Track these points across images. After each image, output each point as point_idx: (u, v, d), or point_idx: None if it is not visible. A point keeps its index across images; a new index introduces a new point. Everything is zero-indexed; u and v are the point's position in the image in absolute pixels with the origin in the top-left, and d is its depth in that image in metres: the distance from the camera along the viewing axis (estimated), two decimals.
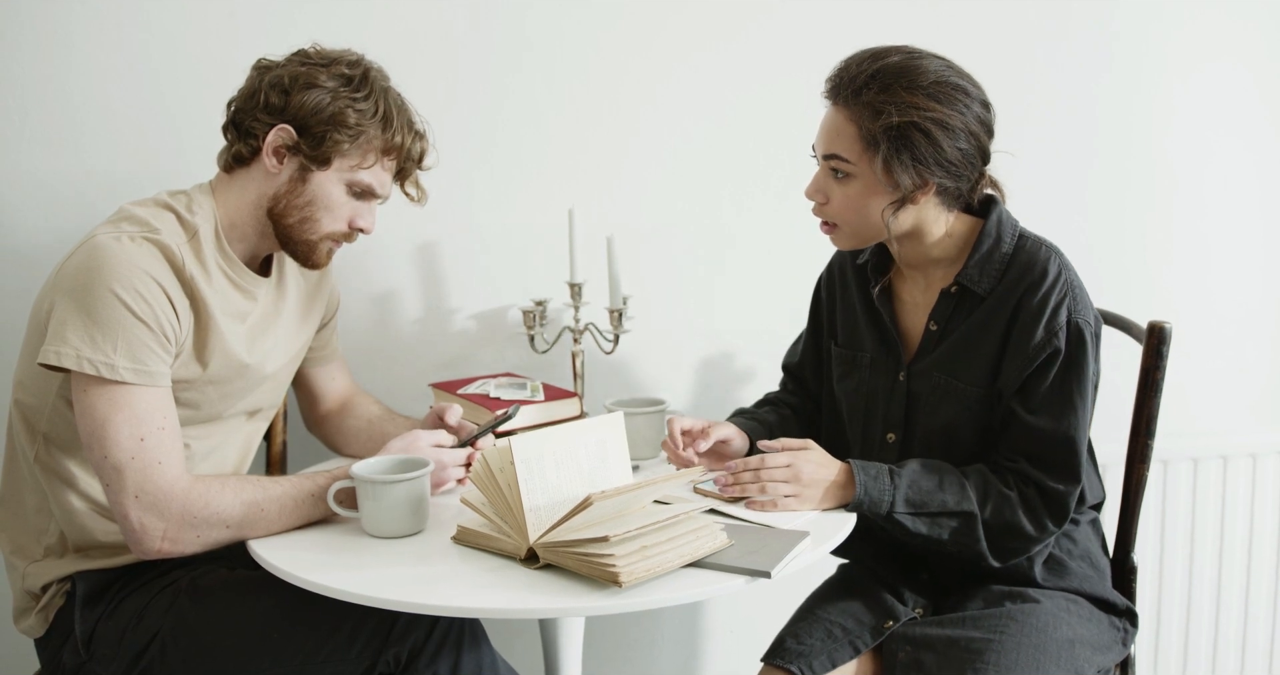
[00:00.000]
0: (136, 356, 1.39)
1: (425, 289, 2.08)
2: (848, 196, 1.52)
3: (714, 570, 1.31)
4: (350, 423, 1.82)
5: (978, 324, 1.56)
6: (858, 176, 1.50)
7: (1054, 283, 1.51)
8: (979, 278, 1.55)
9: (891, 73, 1.47)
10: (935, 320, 1.60)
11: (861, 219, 1.54)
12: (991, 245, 1.56)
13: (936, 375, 1.58)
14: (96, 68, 1.85)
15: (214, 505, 1.41)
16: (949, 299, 1.59)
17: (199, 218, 1.52)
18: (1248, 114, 2.33)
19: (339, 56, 1.55)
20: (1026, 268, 1.53)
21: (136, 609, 1.49)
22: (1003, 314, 1.53)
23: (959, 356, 1.57)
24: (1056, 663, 1.44)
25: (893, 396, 1.64)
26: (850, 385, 1.70)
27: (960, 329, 1.57)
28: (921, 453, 1.59)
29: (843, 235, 1.58)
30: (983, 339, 1.55)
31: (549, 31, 2.05)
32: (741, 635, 2.35)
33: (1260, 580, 2.37)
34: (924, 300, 1.63)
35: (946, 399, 1.58)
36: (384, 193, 1.60)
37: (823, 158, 1.53)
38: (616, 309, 2.00)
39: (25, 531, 1.55)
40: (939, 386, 1.58)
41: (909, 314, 1.65)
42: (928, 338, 1.61)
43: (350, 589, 1.28)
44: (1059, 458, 1.50)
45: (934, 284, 1.62)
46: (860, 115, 1.47)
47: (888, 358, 1.65)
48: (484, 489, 1.38)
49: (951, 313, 1.59)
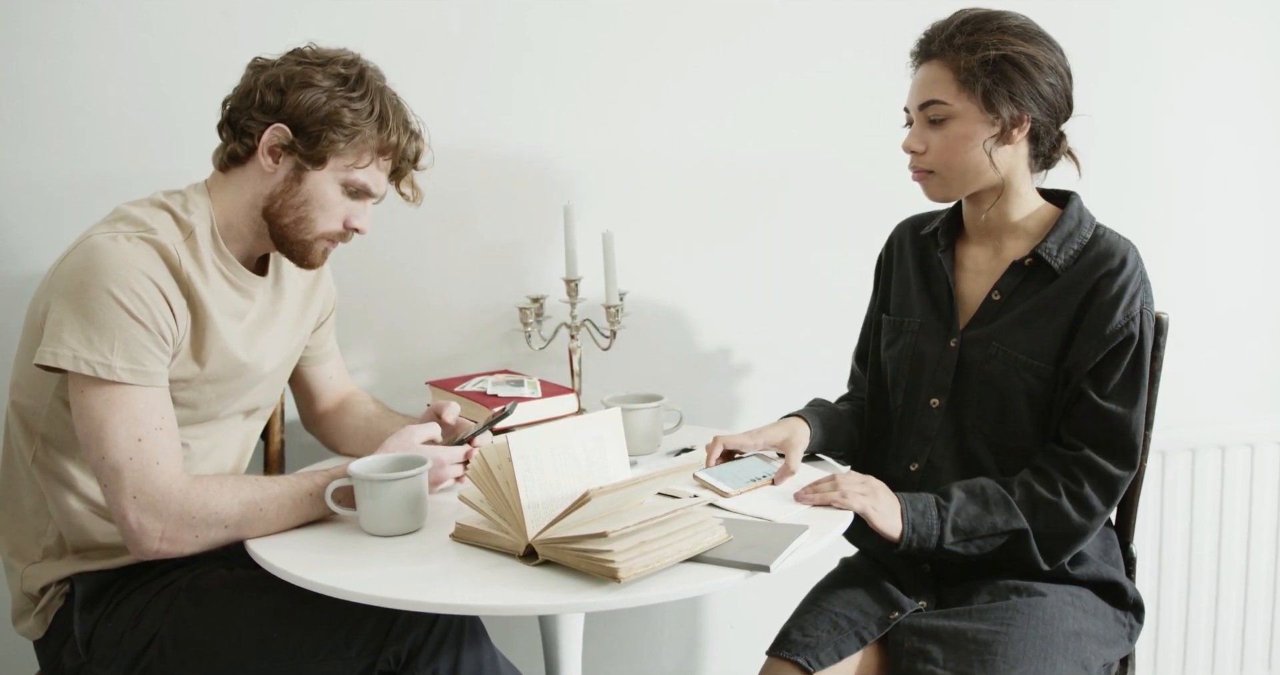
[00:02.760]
0: (133, 357, 1.39)
1: (422, 287, 2.08)
2: (948, 139, 1.57)
3: (713, 565, 1.31)
4: (347, 421, 1.82)
5: (1049, 300, 1.58)
6: (957, 116, 1.56)
7: (1133, 271, 1.55)
8: (1057, 253, 1.59)
9: (980, 17, 1.56)
10: (1000, 290, 1.63)
11: (962, 160, 1.58)
12: (1074, 227, 1.60)
13: (995, 345, 1.60)
14: (93, 67, 1.85)
15: (212, 505, 1.41)
16: (1020, 270, 1.62)
17: (195, 217, 1.51)
18: (1245, 107, 2.33)
19: (335, 56, 1.55)
20: (1106, 253, 1.57)
21: (135, 610, 1.49)
22: (1077, 294, 1.56)
23: (1022, 329, 1.59)
24: (1063, 655, 1.45)
25: (941, 362, 1.66)
26: (896, 351, 1.73)
27: (1027, 302, 1.60)
28: (968, 419, 1.63)
29: (936, 182, 1.62)
30: (1052, 315, 1.57)
31: (547, 28, 2.05)
32: (742, 630, 2.36)
33: (1259, 570, 2.37)
34: (989, 269, 1.67)
35: (1003, 369, 1.59)
36: (379, 192, 1.59)
37: (918, 108, 1.59)
38: (613, 305, 2.00)
39: (23, 533, 1.55)
40: (996, 356, 1.60)
41: (970, 280, 1.69)
42: (987, 306, 1.64)
43: (349, 588, 1.28)
44: (1123, 443, 1.54)
45: (1005, 254, 1.65)
46: (955, 58, 1.54)
47: (939, 322, 1.68)
48: (482, 486, 1.38)
49: (1020, 285, 1.61)
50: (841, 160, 2.18)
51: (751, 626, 2.31)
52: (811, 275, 2.20)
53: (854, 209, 2.18)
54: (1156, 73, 2.28)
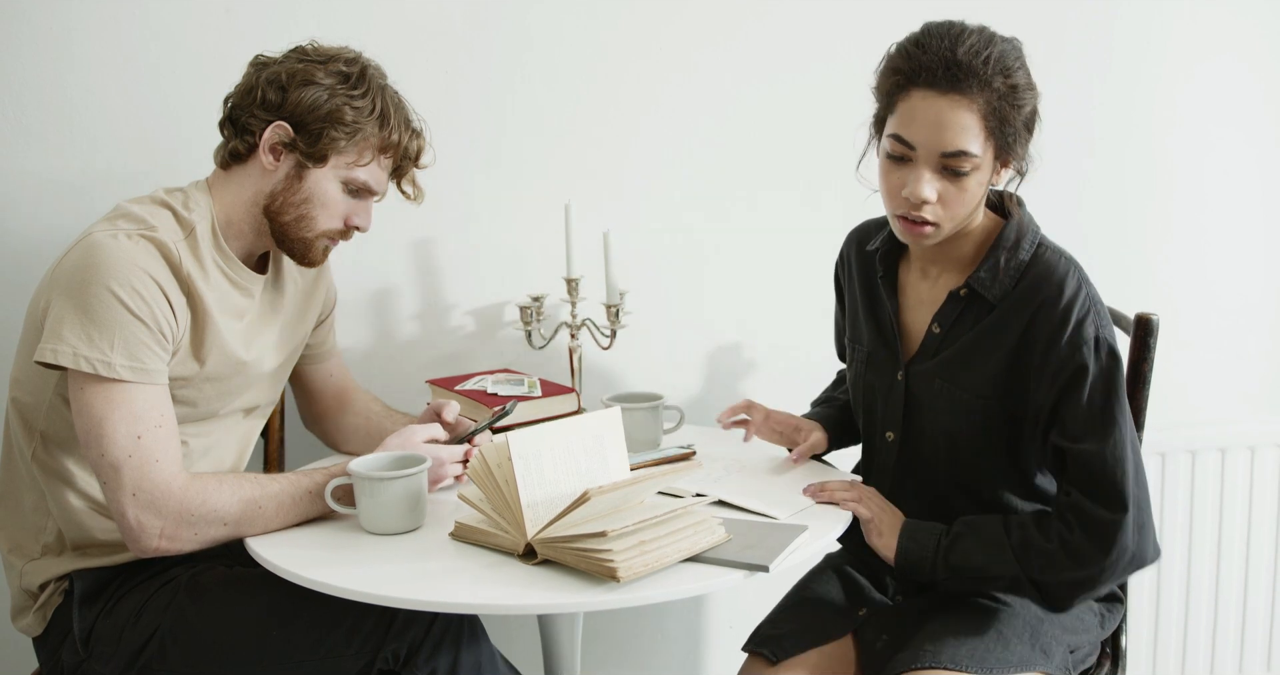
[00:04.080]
0: (133, 354, 1.39)
1: (422, 285, 2.08)
2: (967, 192, 1.42)
3: (712, 564, 1.31)
4: (348, 420, 1.82)
5: (986, 333, 1.48)
6: (980, 169, 1.41)
7: (1074, 297, 1.43)
8: (990, 283, 1.47)
9: (1009, 54, 1.41)
10: (939, 323, 1.53)
11: (969, 211, 1.45)
12: (1009, 250, 1.48)
13: (939, 383, 1.52)
14: (94, 64, 1.85)
15: (211, 503, 1.41)
16: (957, 302, 1.51)
17: (196, 215, 1.51)
18: (1247, 108, 2.33)
19: (337, 53, 1.55)
20: (1042, 279, 1.45)
21: (135, 607, 1.49)
22: (1013, 328, 1.46)
23: (962, 363, 1.50)
24: (1020, 638, 1.45)
25: (891, 395, 1.58)
26: (852, 377, 1.67)
27: (966, 335, 1.50)
28: (924, 455, 1.57)
29: (936, 233, 1.46)
30: (990, 350, 1.48)
31: (549, 27, 2.05)
32: (741, 630, 2.34)
33: (1258, 572, 2.37)
34: (930, 298, 1.56)
35: (947, 406, 1.52)
36: (380, 190, 1.59)
37: (941, 155, 1.39)
38: (613, 304, 2.00)
39: (23, 530, 1.55)
40: (941, 394, 1.52)
41: (913, 310, 1.58)
42: (929, 340, 1.54)
43: (348, 586, 1.28)
44: (1106, 485, 1.40)
45: (944, 281, 1.55)
46: (986, 101, 1.38)
47: (885, 353, 1.59)
48: (481, 485, 1.38)
49: (958, 317, 1.51)
50: (843, 159, 2.18)
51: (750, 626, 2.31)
52: (813, 275, 2.19)
53: (857, 208, 2.17)
54: (1158, 73, 2.28)
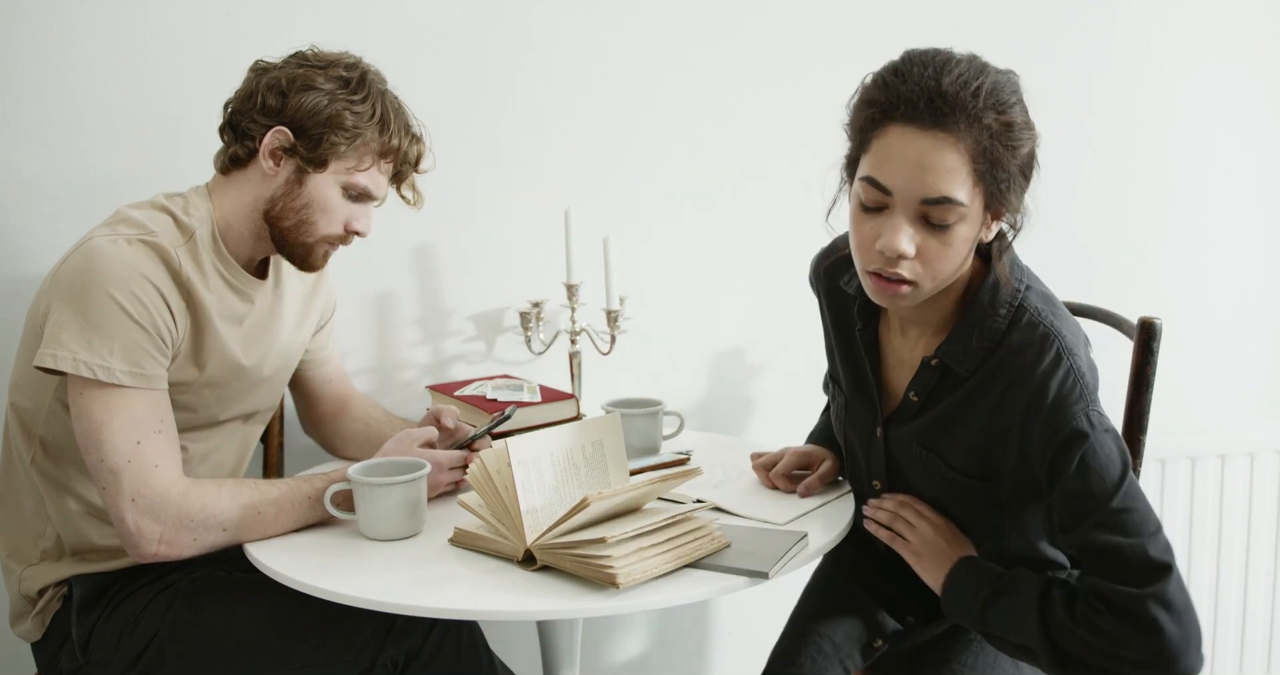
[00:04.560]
0: (133, 359, 1.39)
1: (422, 290, 2.08)
2: (951, 248, 1.23)
3: (711, 571, 1.31)
4: (347, 425, 1.82)
5: (959, 408, 1.34)
6: (966, 219, 1.23)
7: (1049, 371, 1.25)
8: (962, 356, 1.32)
9: (1003, 87, 1.22)
10: (916, 391, 1.38)
11: (954, 269, 1.27)
12: (980, 315, 1.31)
13: (918, 449, 1.40)
14: (94, 68, 1.85)
15: (210, 508, 1.41)
16: (930, 371, 1.36)
17: (195, 220, 1.51)
18: (1247, 112, 2.33)
19: (337, 59, 1.55)
20: (1015, 352, 1.28)
21: (134, 612, 1.49)
22: (985, 402, 1.31)
23: (943, 435, 1.37)
24: None
25: (872, 450, 1.46)
26: (834, 414, 1.56)
27: (942, 406, 1.36)
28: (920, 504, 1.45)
29: (913, 296, 1.28)
30: (963, 425, 1.34)
31: (548, 33, 2.05)
32: (740, 636, 2.35)
33: (1258, 579, 2.37)
34: (909, 360, 1.41)
35: (930, 475, 1.40)
36: (380, 195, 1.59)
37: (921, 202, 1.21)
38: (613, 310, 2.00)
39: (22, 535, 1.55)
40: (920, 460, 1.40)
41: (892, 370, 1.43)
42: (907, 405, 1.40)
43: (347, 592, 1.28)
44: (1128, 567, 1.20)
45: (921, 346, 1.40)
46: (978, 143, 1.19)
47: (864, 407, 1.46)
48: (481, 491, 1.38)
49: (935, 386, 1.37)
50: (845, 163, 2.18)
51: (750, 632, 2.31)
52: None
53: None
54: (1158, 76, 2.29)
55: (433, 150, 1.64)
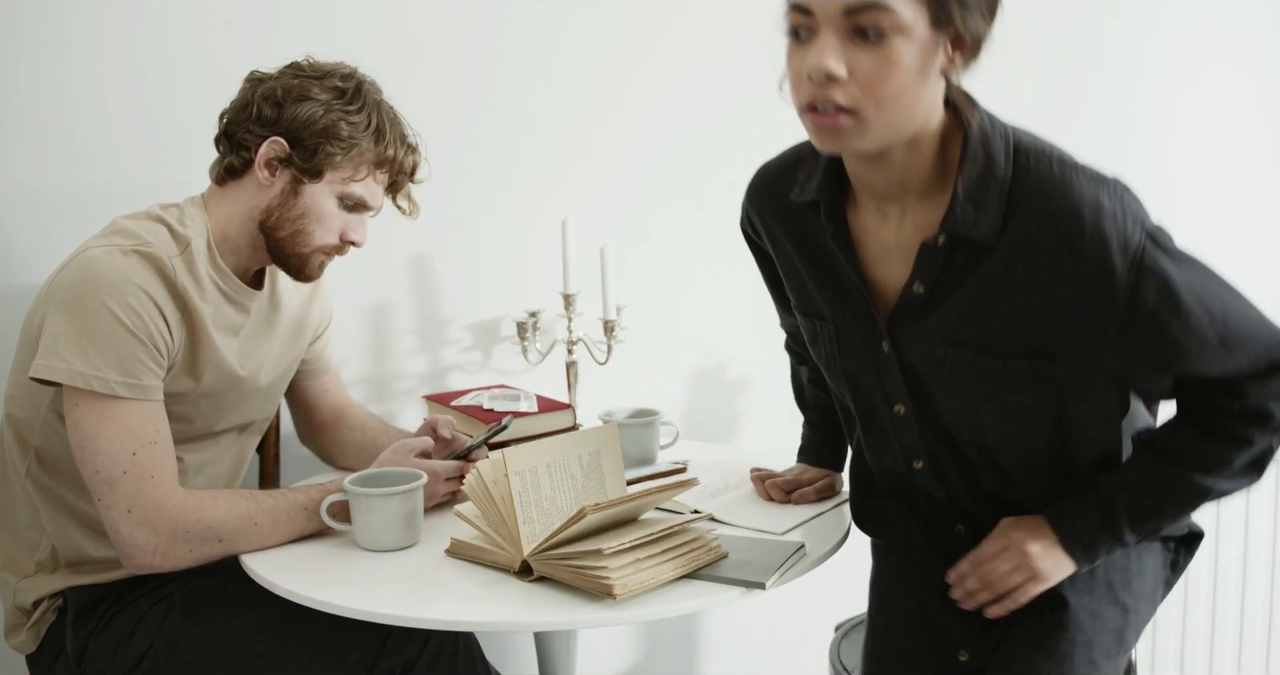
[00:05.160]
0: (129, 370, 1.39)
1: (418, 300, 2.08)
2: (893, 66, 1.07)
3: (708, 581, 1.31)
4: (343, 435, 1.81)
5: (995, 283, 1.16)
6: (904, 31, 1.07)
7: (1097, 217, 1.11)
8: (976, 221, 1.14)
9: None
10: (921, 281, 1.20)
11: (901, 98, 1.09)
12: (981, 170, 1.14)
13: (941, 349, 1.21)
14: (92, 78, 1.85)
15: (206, 519, 1.41)
16: (935, 254, 1.18)
17: (191, 230, 1.51)
18: (1246, 116, 2.34)
19: (332, 69, 1.55)
20: (1043, 200, 1.12)
21: (129, 624, 1.49)
22: (1036, 269, 1.14)
23: (970, 323, 1.18)
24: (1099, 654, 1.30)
25: (882, 372, 1.27)
26: (822, 356, 1.35)
27: (964, 289, 1.18)
28: (952, 429, 1.27)
29: (855, 129, 1.11)
30: (1009, 300, 1.16)
31: (545, 43, 2.05)
32: (737, 646, 2.35)
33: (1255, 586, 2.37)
34: (898, 245, 1.22)
35: (963, 378, 1.21)
36: (376, 205, 1.59)
37: (845, 13, 1.07)
38: (610, 320, 2.00)
39: (17, 546, 1.54)
40: (946, 362, 1.21)
41: (879, 264, 1.24)
42: (910, 300, 1.22)
43: (343, 603, 1.28)
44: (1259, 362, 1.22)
45: (910, 223, 1.21)
46: None
47: (857, 323, 1.27)
48: (478, 501, 1.37)
49: (943, 268, 1.18)
50: None
51: (746, 642, 2.30)
52: None
53: None
54: (1156, 78, 2.29)
55: (429, 160, 1.64)
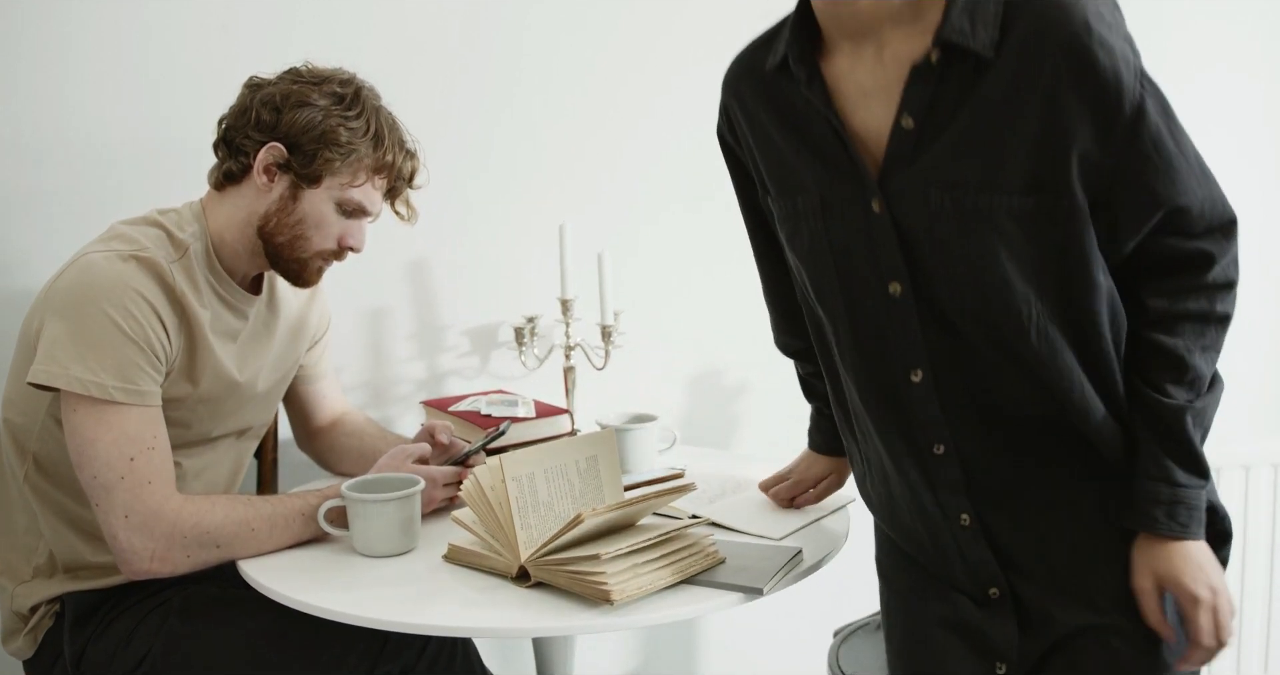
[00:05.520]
0: (126, 376, 1.39)
1: (416, 306, 2.08)
2: None
3: (706, 587, 1.31)
4: (341, 440, 1.81)
5: (995, 102, 1.07)
6: None
7: (1100, 27, 1.05)
8: (973, 28, 1.05)
9: None
10: (910, 112, 1.10)
11: None
12: None
13: (936, 195, 1.10)
14: (90, 83, 1.85)
15: (204, 525, 1.41)
16: (927, 74, 1.08)
17: (189, 235, 1.51)
18: (1245, 120, 2.34)
19: (331, 75, 1.55)
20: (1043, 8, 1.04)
21: (127, 629, 1.49)
22: (1035, 84, 1.05)
23: (968, 156, 1.09)
24: None
25: (873, 239, 1.15)
26: (804, 245, 1.23)
27: (960, 116, 1.09)
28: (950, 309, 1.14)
29: None
30: (1009, 123, 1.07)
31: (543, 49, 2.06)
32: (735, 651, 2.34)
33: (1254, 593, 2.37)
34: (880, 84, 1.13)
35: (966, 231, 1.10)
36: (374, 211, 1.60)
37: None
38: (607, 325, 2.00)
39: (14, 552, 1.54)
40: (944, 209, 1.10)
41: (859, 110, 1.15)
42: (900, 140, 1.12)
43: (340, 608, 1.28)
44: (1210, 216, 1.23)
45: (890, 56, 1.12)
46: None
47: (843, 184, 1.16)
48: (475, 507, 1.37)
49: (936, 95, 1.09)
50: None
51: (744, 647, 2.30)
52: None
53: None
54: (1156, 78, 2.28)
55: (427, 166, 1.64)
